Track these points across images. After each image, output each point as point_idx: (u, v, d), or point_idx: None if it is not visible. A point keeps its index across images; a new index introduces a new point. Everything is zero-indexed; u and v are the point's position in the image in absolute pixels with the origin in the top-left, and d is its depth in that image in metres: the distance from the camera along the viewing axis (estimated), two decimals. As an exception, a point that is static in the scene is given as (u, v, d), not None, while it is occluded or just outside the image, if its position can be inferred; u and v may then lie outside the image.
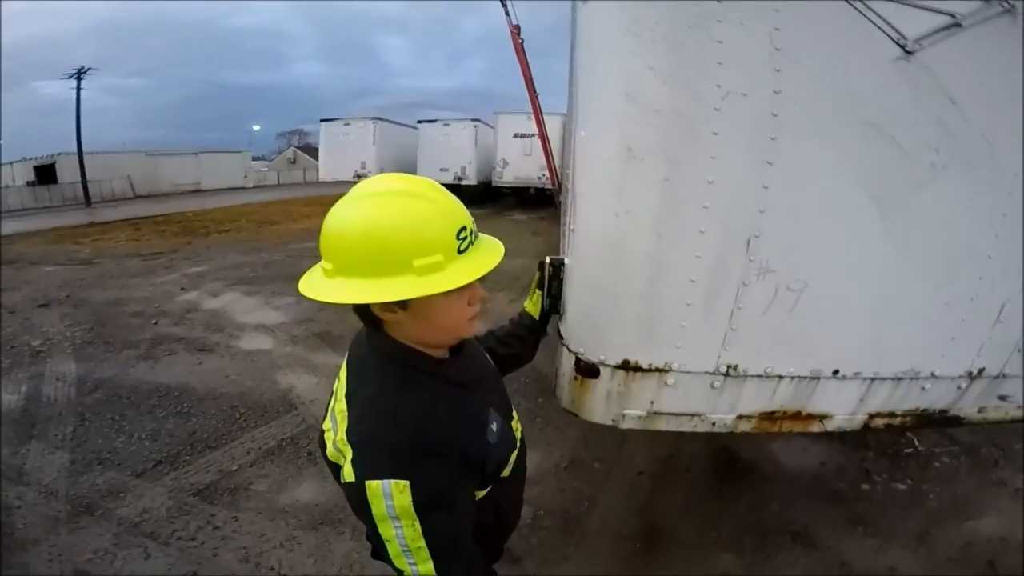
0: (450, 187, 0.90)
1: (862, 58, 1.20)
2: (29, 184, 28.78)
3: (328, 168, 18.20)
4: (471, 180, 16.30)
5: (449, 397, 0.94)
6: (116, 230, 13.37)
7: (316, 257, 0.87)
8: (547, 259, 1.50)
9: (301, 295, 0.83)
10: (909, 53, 1.17)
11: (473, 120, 16.68)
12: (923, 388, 1.48)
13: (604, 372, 1.45)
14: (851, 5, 1.16)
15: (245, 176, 38.89)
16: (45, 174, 29.94)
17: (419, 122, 17.90)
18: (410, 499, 0.84)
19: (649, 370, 1.41)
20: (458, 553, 0.97)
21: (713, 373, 1.40)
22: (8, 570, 2.18)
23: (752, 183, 1.22)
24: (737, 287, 1.30)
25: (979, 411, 1.56)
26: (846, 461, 2.97)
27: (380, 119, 17.81)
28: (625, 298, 1.37)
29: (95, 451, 3.02)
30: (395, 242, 0.81)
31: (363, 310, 0.90)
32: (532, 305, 1.48)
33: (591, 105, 1.36)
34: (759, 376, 1.41)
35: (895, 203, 1.27)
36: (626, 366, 1.42)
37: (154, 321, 5.42)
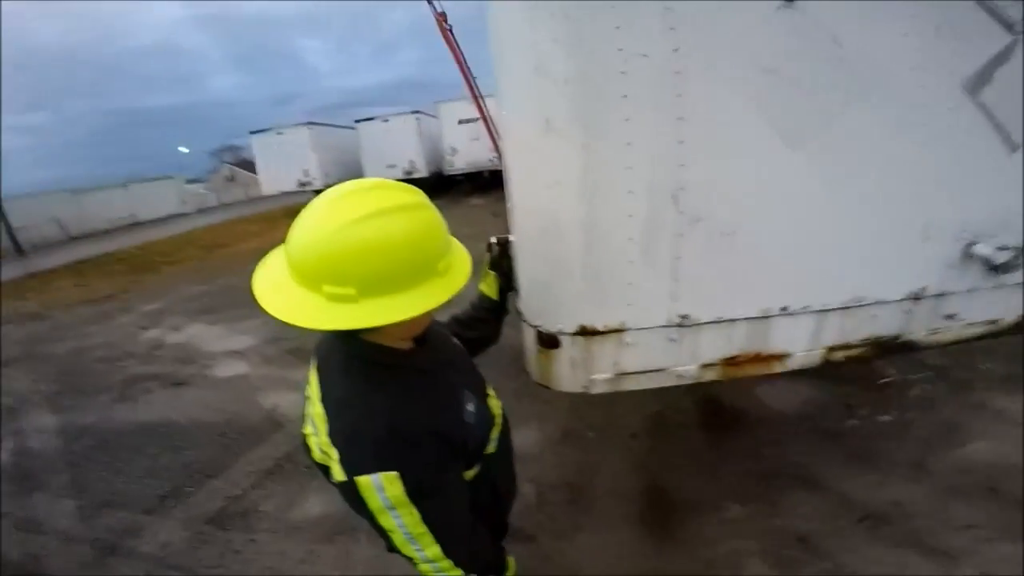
0: (401, 181, 0.94)
1: (749, 9, 1.27)
2: None
3: (269, 180, 17.80)
4: (422, 172, 16.15)
5: (420, 385, 0.98)
6: (58, 278, 12.55)
7: None
8: (494, 238, 1.54)
9: (307, 328, 0.78)
10: (790, 0, 1.27)
11: (414, 112, 16.40)
12: (873, 316, 1.60)
13: (564, 340, 1.51)
14: None
15: (184, 202, 37.10)
16: None
17: (357, 121, 17.48)
18: (402, 488, 0.87)
19: (606, 332, 1.49)
20: (459, 532, 1.02)
21: (667, 326, 1.48)
22: None
23: (668, 139, 1.30)
24: (673, 239, 1.38)
25: (931, 333, 1.66)
26: (829, 398, 3.06)
27: (314, 123, 17.50)
28: (569, 265, 1.44)
29: (99, 495, 3.00)
30: (427, 250, 0.85)
31: (347, 336, 0.92)
32: (487, 286, 1.51)
33: (506, 82, 1.41)
34: (712, 323, 1.50)
35: (805, 142, 1.37)
36: (584, 331, 1.49)
37: (122, 364, 5.26)
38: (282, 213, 19.43)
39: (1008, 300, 1.65)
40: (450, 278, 0.89)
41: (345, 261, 0.78)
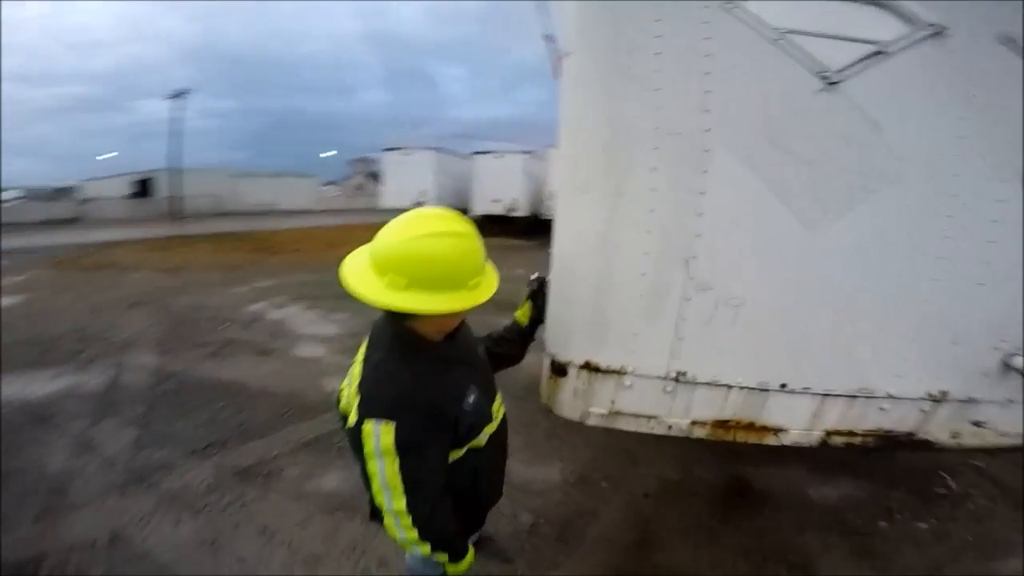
0: (500, 218, 1.23)
1: (785, 94, 1.36)
2: (127, 197, 31.80)
3: (391, 195, 18.93)
4: (522, 211, 16.55)
5: (435, 369, 1.23)
6: (200, 244, 14.73)
7: None
8: (534, 275, 1.74)
9: (363, 302, 1.09)
10: (833, 84, 1.32)
11: (524, 152, 17.02)
12: (881, 408, 1.55)
13: (571, 371, 1.66)
14: (775, 45, 1.33)
15: (316, 200, 41.45)
16: (143, 188, 32.85)
17: (474, 153, 18.50)
18: (392, 439, 1.11)
19: (608, 371, 1.60)
20: (426, 492, 1.21)
21: (664, 378, 1.56)
22: (52, 527, 2.49)
23: (687, 210, 1.41)
24: (679, 301, 1.47)
25: (952, 436, 1.59)
26: (868, 497, 2.88)
27: (439, 149, 18.58)
28: (584, 307, 1.59)
29: (156, 432, 3.44)
30: (463, 268, 1.14)
31: (395, 316, 1.20)
32: (521, 314, 1.72)
33: (559, 146, 1.61)
34: (708, 384, 1.55)
35: (822, 226, 1.40)
36: (588, 367, 1.62)
37: (224, 326, 6.02)
38: (396, 226, 21.05)
39: None
40: (475, 293, 1.16)
41: (404, 261, 1.09)
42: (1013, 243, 1.38)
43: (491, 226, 18.00)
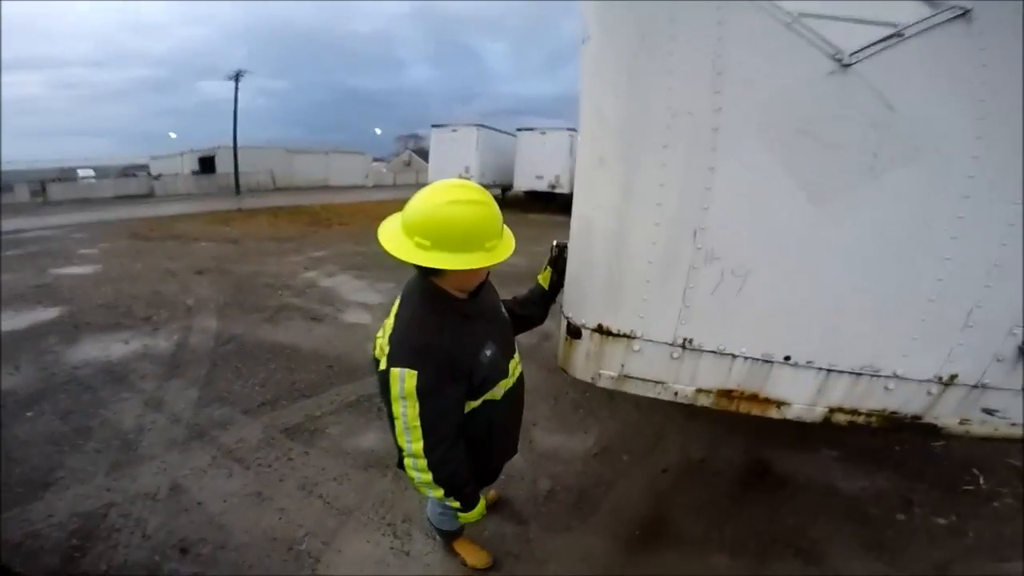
0: (544, 194, 1.39)
1: (798, 75, 1.39)
2: (194, 173, 33.71)
3: (436, 171, 19.13)
4: (564, 189, 16.41)
5: (456, 323, 1.39)
6: (259, 217, 15.56)
7: None
8: (555, 242, 1.90)
9: (398, 258, 1.25)
10: (846, 66, 1.34)
11: (569, 129, 16.81)
12: (887, 388, 1.57)
13: (585, 333, 1.77)
14: (789, 28, 1.35)
15: (366, 176, 42.39)
16: (207, 165, 34.63)
17: (518, 130, 18.50)
18: (415, 384, 1.29)
19: (619, 335, 1.70)
20: (441, 435, 1.39)
21: (672, 344, 1.64)
22: (121, 480, 2.76)
23: (697, 185, 1.48)
24: (687, 270, 1.55)
25: (960, 423, 1.58)
26: (891, 488, 2.84)
27: (483, 126, 18.62)
28: (598, 272, 1.69)
29: (218, 391, 3.76)
30: (480, 232, 1.28)
31: (424, 272, 1.38)
32: (543, 278, 1.91)
33: (581, 122, 1.70)
34: (713, 352, 1.62)
35: (832, 201, 1.43)
36: (600, 330, 1.73)
37: (280, 293, 6.43)
38: (442, 201, 21.50)
39: None
40: (492, 254, 1.31)
41: (429, 225, 1.25)
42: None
43: (533, 202, 18.00)
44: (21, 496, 2.62)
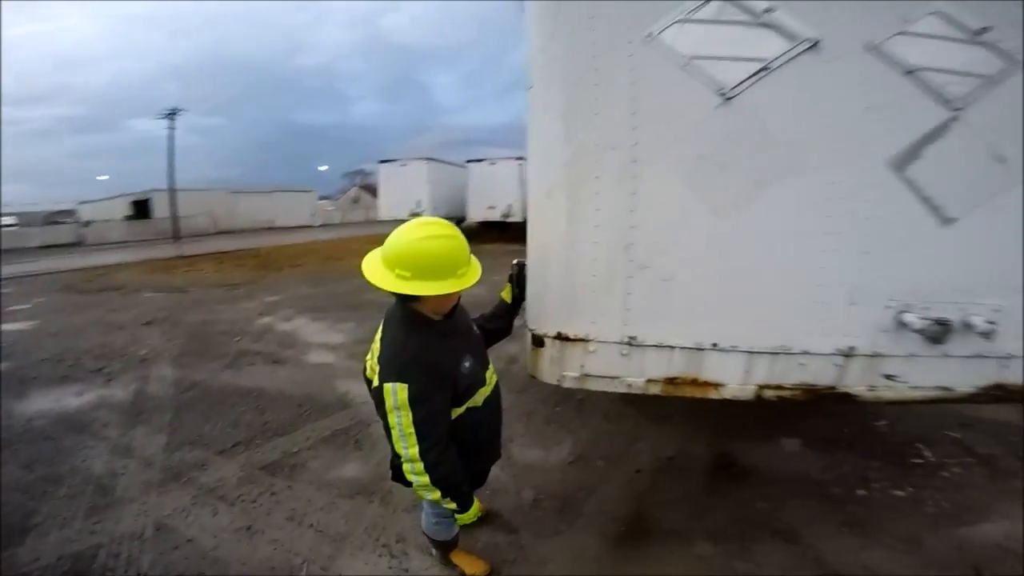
0: (497, 224, 1.67)
1: (693, 109, 1.70)
2: (126, 218, 32.03)
3: (387, 206, 19.23)
4: (516, 217, 16.66)
5: (436, 340, 1.59)
6: (203, 263, 14.99)
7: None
8: (515, 262, 2.12)
9: (383, 289, 1.48)
10: (729, 99, 1.65)
11: (518, 158, 17.07)
12: (800, 364, 1.83)
13: (547, 342, 1.97)
14: (684, 70, 1.67)
15: (312, 215, 41.66)
16: (141, 209, 33.15)
17: (468, 161, 18.75)
18: (406, 395, 1.46)
19: (575, 340, 1.92)
20: (434, 440, 1.55)
21: (620, 343, 1.88)
22: (103, 523, 2.72)
23: (624, 207, 1.77)
24: (625, 279, 1.81)
25: (869, 389, 1.83)
26: (850, 469, 3.08)
27: (433, 159, 18.85)
28: (554, 287, 1.94)
29: (187, 435, 3.69)
30: (452, 261, 1.51)
31: (403, 299, 1.58)
32: (506, 294, 2.13)
33: (530, 159, 1.98)
34: (655, 346, 1.86)
35: (730, 213, 1.73)
36: (560, 336, 1.95)
37: (237, 339, 6.28)
38: (391, 237, 21.51)
39: (963, 369, 1.77)
40: (462, 280, 1.54)
41: (407, 258, 1.48)
42: (893, 218, 1.67)
43: (487, 232, 18.21)
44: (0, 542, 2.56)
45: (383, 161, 19.46)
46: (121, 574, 2.36)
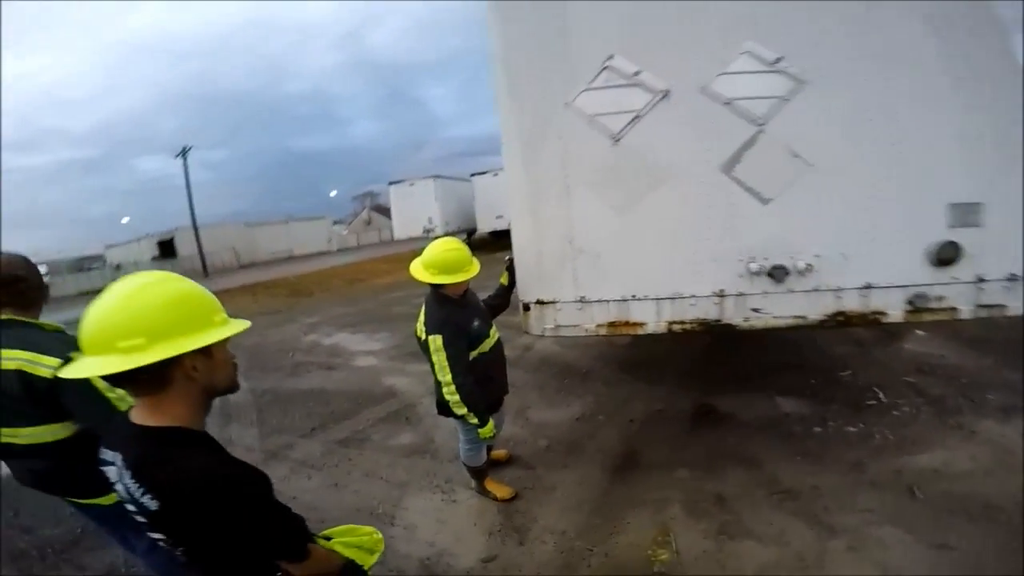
0: (503, 233, 2.76)
1: (597, 148, 2.57)
2: (154, 259, 32.52)
3: (401, 227, 19.97)
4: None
5: (456, 310, 2.51)
6: (239, 295, 15.99)
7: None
8: (508, 255, 3.03)
9: (424, 281, 2.51)
10: (617, 140, 2.52)
11: None
12: (691, 304, 2.63)
13: (532, 306, 2.85)
14: (590, 123, 2.55)
15: (329, 240, 42.44)
16: (167, 248, 33.50)
17: (472, 175, 19.35)
18: (442, 342, 2.39)
19: (548, 303, 2.80)
20: (459, 370, 2.42)
21: (575, 302, 2.75)
22: None
23: (565, 216, 2.66)
24: (572, 259, 2.69)
25: (744, 320, 2.60)
26: (810, 412, 3.61)
27: (439, 176, 19.39)
28: (532, 269, 2.82)
29: (272, 425, 4.58)
30: (461, 263, 2.47)
31: (435, 287, 2.48)
32: (504, 279, 3.02)
33: (508, 185, 2.86)
34: (597, 301, 2.72)
35: (626, 212, 2.60)
36: (539, 302, 2.83)
37: (291, 354, 7.23)
38: (409, 256, 22.00)
39: (808, 301, 2.54)
40: (468, 274, 2.46)
41: (436, 262, 2.44)
42: (729, 203, 2.48)
43: (496, 241, 18.86)
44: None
45: (392, 183, 20.08)
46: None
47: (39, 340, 1.62)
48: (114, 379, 0.95)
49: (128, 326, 0.92)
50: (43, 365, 1.54)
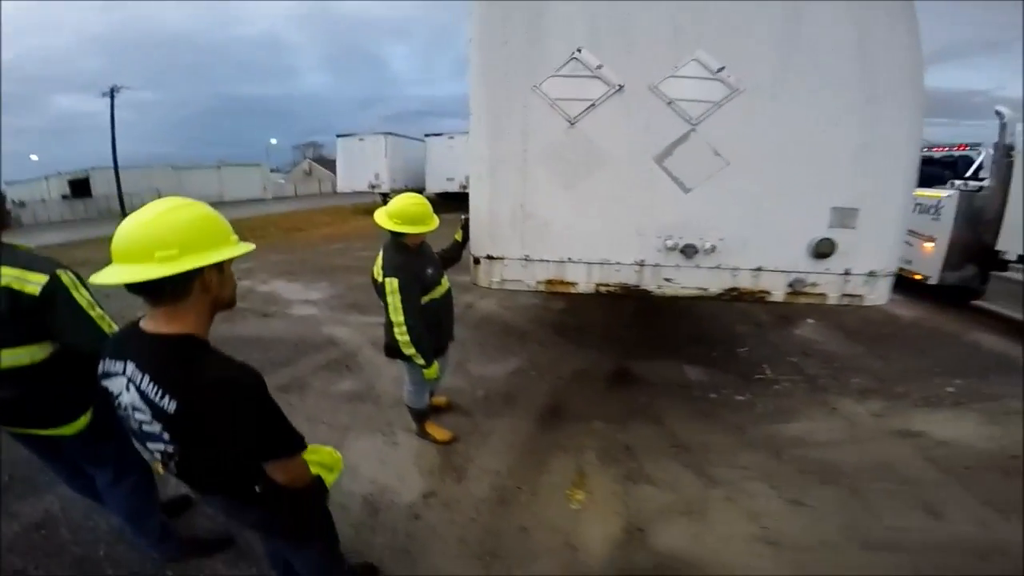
0: (456, 195, 4.15)
1: (555, 130, 2.84)
2: (64, 197, 30.29)
3: (345, 179, 19.49)
4: (473, 189, 17.52)
5: (412, 257, 2.70)
6: (163, 237, 15.08)
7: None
8: (463, 215, 3.23)
9: (388, 229, 3.00)
10: (573, 124, 2.80)
11: None
12: (617, 270, 3.01)
13: (482, 261, 3.12)
14: (552, 107, 2.80)
15: (264, 188, 40.58)
16: (79, 188, 31.39)
17: (426, 136, 19.25)
18: (397, 285, 2.57)
19: (496, 258, 3.08)
20: (411, 314, 2.62)
21: (519, 259, 3.05)
22: None
23: (519, 185, 2.91)
24: (521, 222, 2.97)
25: (658, 288, 3.02)
26: (709, 380, 4.16)
27: (391, 134, 19.10)
28: (483, 228, 3.08)
29: (209, 371, 4.58)
30: (422, 216, 2.65)
31: (396, 235, 2.64)
32: (458, 236, 3.23)
33: (470, 154, 3.06)
34: (539, 261, 3.04)
35: (573, 187, 2.91)
36: (488, 257, 3.10)
37: (224, 298, 7.04)
38: (351, 210, 21.46)
39: (710, 276, 2.98)
40: (428, 226, 2.64)
41: (401, 213, 2.60)
42: (657, 189, 2.83)
43: (445, 203, 18.95)
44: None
45: (340, 135, 19.50)
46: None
47: (24, 258, 1.64)
48: (142, 287, 1.07)
49: (164, 238, 1.06)
50: (31, 282, 1.58)
